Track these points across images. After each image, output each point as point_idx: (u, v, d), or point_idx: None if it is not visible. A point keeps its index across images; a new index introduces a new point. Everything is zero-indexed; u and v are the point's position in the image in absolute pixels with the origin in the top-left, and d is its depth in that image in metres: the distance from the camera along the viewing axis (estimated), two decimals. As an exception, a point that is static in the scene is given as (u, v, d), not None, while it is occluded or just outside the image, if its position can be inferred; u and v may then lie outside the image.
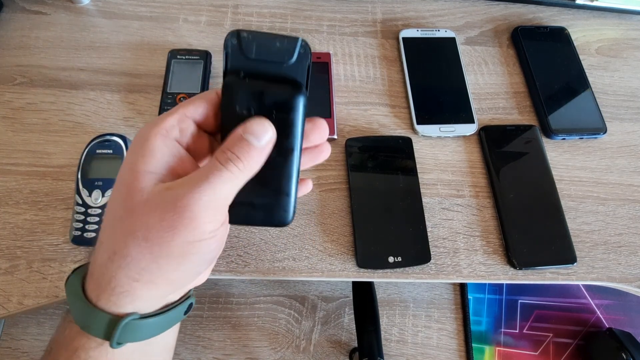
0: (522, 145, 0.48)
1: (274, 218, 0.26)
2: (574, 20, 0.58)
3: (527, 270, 0.42)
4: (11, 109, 0.46)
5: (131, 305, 0.24)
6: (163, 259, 0.23)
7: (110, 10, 0.53)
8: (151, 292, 0.24)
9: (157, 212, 0.22)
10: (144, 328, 0.24)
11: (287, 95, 0.24)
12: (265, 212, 0.26)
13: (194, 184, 0.22)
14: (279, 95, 0.24)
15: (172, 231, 0.22)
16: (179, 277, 0.25)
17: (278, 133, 0.25)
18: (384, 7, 0.57)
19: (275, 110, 0.24)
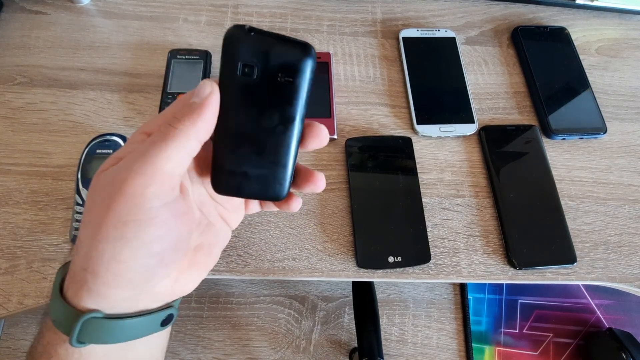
0: (522, 145, 0.48)
1: (267, 191, 0.25)
2: (574, 20, 0.58)
3: (527, 270, 0.42)
4: (11, 109, 0.46)
5: (90, 300, 0.22)
6: (101, 244, 0.21)
7: (110, 10, 0.53)
8: (100, 286, 0.22)
9: (102, 192, 0.21)
10: (110, 330, 0.23)
11: (294, 57, 0.22)
12: (259, 184, 0.25)
13: (132, 156, 0.21)
14: (285, 55, 0.22)
15: (108, 210, 0.20)
16: (121, 269, 0.21)
17: (281, 99, 0.23)
18: (384, 7, 0.57)
19: (279, 72, 0.22)
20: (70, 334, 0.22)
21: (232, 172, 0.24)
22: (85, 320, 0.22)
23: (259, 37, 0.22)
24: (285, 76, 0.22)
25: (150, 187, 0.20)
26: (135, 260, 0.21)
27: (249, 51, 0.22)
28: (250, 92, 0.23)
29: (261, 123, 0.23)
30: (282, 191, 0.25)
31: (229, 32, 0.22)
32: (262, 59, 0.22)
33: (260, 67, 0.22)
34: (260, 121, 0.23)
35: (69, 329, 0.22)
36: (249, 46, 0.22)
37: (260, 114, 0.23)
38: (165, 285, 0.25)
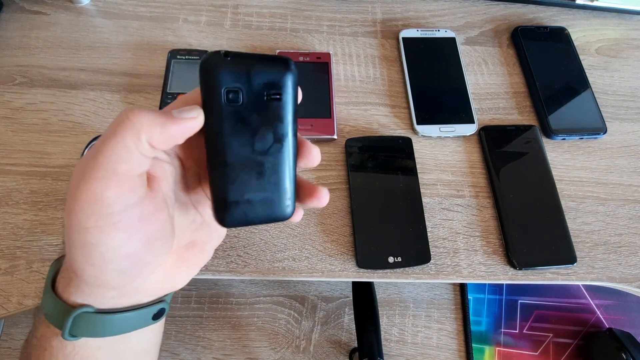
0: (522, 146, 0.48)
1: (274, 213, 0.24)
2: (574, 20, 0.58)
3: (527, 271, 0.42)
4: (11, 109, 0.46)
5: (78, 296, 0.22)
6: (72, 248, 0.21)
7: (110, 10, 0.53)
8: (86, 286, 0.22)
9: (68, 193, 0.20)
10: (102, 324, 0.23)
11: (277, 73, 0.22)
12: (264, 208, 0.24)
13: (87, 155, 0.20)
14: (268, 74, 0.22)
15: (69, 215, 0.20)
16: (97, 272, 0.21)
17: (271, 117, 0.23)
18: (384, 7, 0.57)
19: (265, 91, 0.22)
20: (63, 328, 0.22)
21: (235, 203, 0.23)
22: (77, 315, 0.22)
23: (237, 60, 0.21)
24: (272, 94, 0.22)
25: (107, 192, 0.19)
26: (106, 264, 0.21)
27: (231, 76, 0.21)
28: (239, 117, 0.22)
29: (256, 146, 0.23)
30: (289, 210, 0.25)
31: (205, 60, 0.22)
32: (245, 81, 0.22)
33: (245, 90, 0.22)
34: (254, 144, 0.23)
35: (61, 323, 0.22)
36: (229, 71, 0.21)
37: (253, 137, 0.23)
38: (154, 281, 0.24)
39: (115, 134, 0.19)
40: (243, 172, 0.23)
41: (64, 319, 0.22)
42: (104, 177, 0.19)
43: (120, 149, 0.19)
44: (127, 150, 0.19)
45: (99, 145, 0.19)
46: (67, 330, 0.22)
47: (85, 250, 0.20)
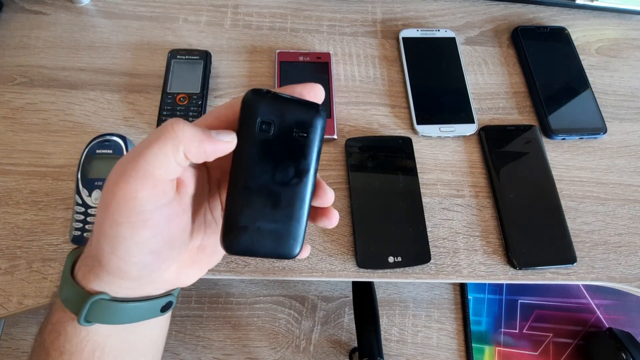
0: (522, 145, 0.48)
1: (279, 248, 0.25)
2: (574, 20, 0.58)
3: (527, 270, 0.42)
4: (11, 109, 0.46)
5: (97, 284, 0.24)
6: (102, 238, 0.22)
7: (110, 10, 0.53)
8: (104, 275, 0.24)
9: (104, 188, 0.22)
10: (114, 311, 0.24)
11: (308, 115, 0.24)
12: (271, 241, 0.25)
13: (128, 156, 0.21)
14: (300, 113, 0.24)
15: (105, 208, 0.21)
16: (121, 264, 0.23)
17: (296, 153, 0.24)
18: (384, 7, 0.57)
19: (295, 128, 0.24)
20: (79, 313, 0.23)
21: (244, 228, 0.24)
22: (94, 301, 0.23)
23: (276, 97, 0.24)
24: (300, 132, 0.24)
25: (142, 192, 0.21)
26: (131, 257, 0.23)
27: (267, 110, 0.23)
28: (267, 147, 0.24)
29: (277, 176, 0.24)
30: (296, 248, 0.25)
31: (249, 94, 0.24)
32: (279, 116, 0.24)
33: (277, 124, 0.24)
34: (275, 174, 0.24)
35: (78, 309, 0.24)
36: (267, 105, 0.23)
37: (276, 167, 0.24)
38: (167, 276, 0.26)
39: (158, 141, 0.21)
40: (259, 198, 0.24)
41: (81, 304, 0.23)
42: (142, 178, 0.21)
43: (159, 155, 0.21)
44: (166, 157, 0.21)
45: (141, 149, 0.21)
46: (83, 315, 0.23)
47: (114, 242, 0.22)
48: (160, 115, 0.45)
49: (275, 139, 0.24)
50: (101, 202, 0.22)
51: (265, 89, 0.24)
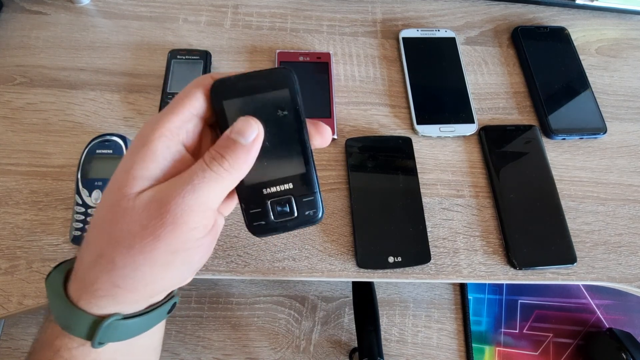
0: (522, 145, 0.48)
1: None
2: (574, 20, 0.58)
3: (527, 271, 0.42)
4: (11, 109, 0.46)
5: (113, 308, 0.23)
6: (146, 267, 0.22)
7: (110, 10, 0.53)
8: (134, 297, 0.23)
9: (141, 219, 0.21)
10: (126, 328, 0.24)
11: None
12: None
13: (177, 188, 0.21)
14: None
15: (155, 240, 0.21)
16: (162, 285, 0.24)
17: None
18: (384, 7, 0.57)
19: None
20: (93, 339, 0.23)
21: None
22: (107, 324, 0.23)
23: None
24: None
25: (201, 222, 0.22)
26: (175, 278, 0.24)
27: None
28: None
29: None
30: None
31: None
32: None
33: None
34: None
35: (88, 334, 0.23)
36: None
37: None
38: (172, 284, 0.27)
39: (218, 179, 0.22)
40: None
41: (93, 329, 0.23)
42: (204, 211, 0.22)
43: (219, 190, 0.22)
44: (226, 190, 0.23)
45: (199, 185, 0.22)
46: (96, 340, 0.23)
47: (166, 268, 0.22)
48: (160, 115, 0.45)
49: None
50: (139, 230, 0.21)
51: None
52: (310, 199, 0.25)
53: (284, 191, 0.25)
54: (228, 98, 0.24)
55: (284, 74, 0.24)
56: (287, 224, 0.25)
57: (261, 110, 0.24)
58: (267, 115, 0.24)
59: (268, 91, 0.24)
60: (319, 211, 0.25)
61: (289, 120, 0.24)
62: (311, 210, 0.25)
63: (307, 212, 0.25)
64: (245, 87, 0.24)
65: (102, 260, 0.22)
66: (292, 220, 0.25)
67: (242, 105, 0.24)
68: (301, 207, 0.25)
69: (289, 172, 0.25)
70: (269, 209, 0.25)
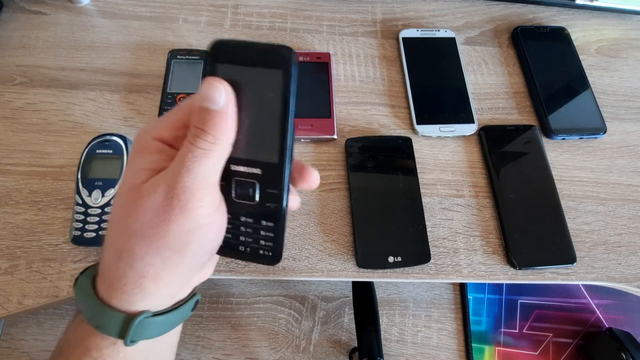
0: (522, 145, 0.48)
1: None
2: (574, 20, 0.58)
3: (527, 270, 0.42)
4: (11, 109, 0.46)
5: (142, 303, 0.24)
6: (165, 252, 0.23)
7: (110, 10, 0.53)
8: (160, 288, 0.24)
9: (150, 207, 0.22)
10: (155, 325, 0.25)
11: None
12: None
13: (174, 171, 0.22)
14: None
15: (167, 223, 0.22)
16: (184, 269, 0.25)
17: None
18: (384, 7, 0.57)
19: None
20: (125, 336, 0.24)
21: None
22: (138, 321, 0.24)
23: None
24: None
25: (206, 198, 0.23)
26: (196, 260, 0.25)
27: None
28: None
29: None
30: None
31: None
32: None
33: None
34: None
35: (121, 333, 0.24)
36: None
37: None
38: (196, 278, 0.28)
39: (209, 153, 0.22)
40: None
41: (125, 327, 0.23)
42: (205, 188, 0.23)
43: (214, 164, 0.23)
44: (219, 162, 0.23)
45: (193, 163, 0.22)
46: (129, 338, 0.23)
47: (183, 250, 0.23)
48: (160, 115, 0.45)
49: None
50: (152, 218, 0.22)
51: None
52: (275, 193, 0.24)
53: (251, 174, 0.24)
54: (222, 61, 0.23)
55: (282, 54, 0.23)
56: (246, 209, 0.25)
57: (250, 85, 0.23)
58: (255, 92, 0.23)
59: (261, 67, 0.23)
60: (280, 207, 0.24)
61: (275, 106, 0.23)
62: (272, 204, 0.24)
63: (268, 204, 0.24)
64: (241, 56, 0.23)
65: (124, 255, 0.23)
66: (251, 206, 0.25)
67: (233, 72, 0.23)
68: (264, 197, 0.24)
69: (262, 157, 0.24)
70: (231, 185, 0.25)
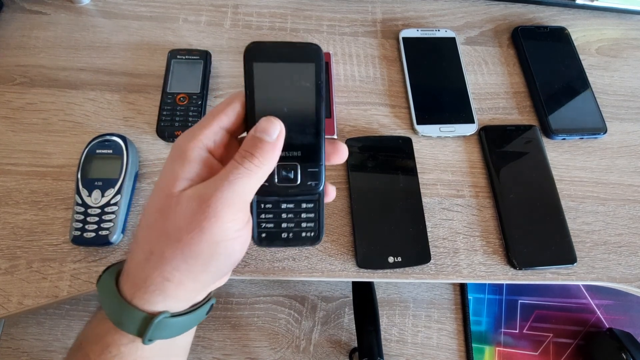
0: (522, 145, 0.48)
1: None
2: (574, 20, 0.58)
3: (527, 271, 0.42)
4: (11, 109, 0.46)
5: (162, 304, 0.25)
6: (193, 259, 0.24)
7: (110, 10, 0.53)
8: (180, 292, 0.25)
9: (186, 215, 0.24)
10: (172, 326, 0.26)
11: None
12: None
13: (216, 184, 0.24)
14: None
15: (200, 232, 0.23)
16: (207, 277, 0.26)
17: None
18: (384, 7, 0.57)
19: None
20: (144, 335, 0.24)
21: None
22: (157, 321, 0.25)
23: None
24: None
25: (239, 214, 0.25)
26: (220, 270, 0.26)
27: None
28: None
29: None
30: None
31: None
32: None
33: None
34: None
35: (139, 331, 0.25)
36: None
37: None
38: (216, 283, 0.29)
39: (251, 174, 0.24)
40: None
41: (144, 326, 0.24)
42: (239, 204, 0.24)
43: (253, 185, 0.25)
44: (257, 184, 0.25)
45: (234, 180, 0.24)
46: (147, 336, 0.24)
47: (210, 260, 0.25)
48: (160, 115, 0.45)
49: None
50: (183, 225, 0.24)
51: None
52: (315, 170, 0.27)
53: (292, 157, 0.26)
54: (259, 61, 0.26)
55: (314, 49, 0.27)
56: (289, 190, 0.27)
57: (286, 77, 0.26)
58: (290, 83, 0.26)
59: (296, 62, 0.26)
60: (320, 183, 0.27)
61: (310, 93, 0.26)
62: (313, 182, 0.27)
63: (309, 182, 0.27)
64: (276, 54, 0.26)
65: (153, 256, 0.24)
66: (293, 187, 0.27)
67: (269, 69, 0.26)
68: (304, 177, 0.27)
69: (300, 141, 0.26)
70: (274, 171, 0.26)
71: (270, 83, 0.26)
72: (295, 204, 0.27)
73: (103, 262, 0.39)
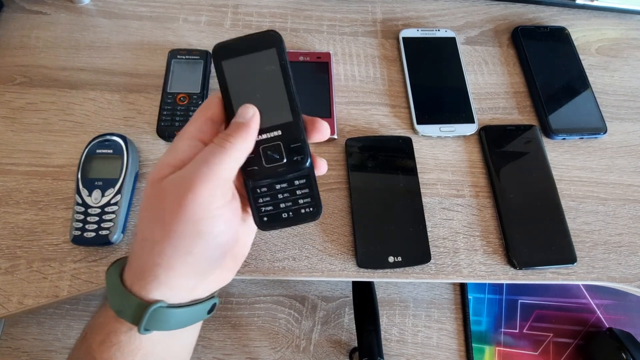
0: (522, 145, 0.48)
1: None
2: (574, 20, 0.58)
3: (527, 270, 0.42)
4: (11, 109, 0.46)
5: (158, 292, 0.25)
6: (177, 240, 0.24)
7: (110, 10, 0.53)
8: (172, 279, 0.26)
9: (170, 197, 0.24)
10: (169, 317, 0.26)
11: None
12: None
13: (194, 165, 0.25)
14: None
15: (179, 210, 0.24)
16: (193, 260, 0.26)
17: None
18: (384, 7, 0.57)
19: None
20: (139, 323, 0.25)
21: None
22: (153, 310, 0.25)
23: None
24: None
25: (216, 190, 0.25)
26: (206, 252, 0.26)
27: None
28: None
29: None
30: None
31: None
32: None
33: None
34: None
35: (136, 319, 0.25)
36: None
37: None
38: (213, 278, 0.29)
39: (225, 150, 0.25)
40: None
41: (140, 314, 0.25)
42: (216, 179, 0.25)
43: (228, 160, 0.25)
44: (234, 160, 0.25)
45: (208, 157, 0.25)
46: (143, 324, 0.25)
47: (193, 239, 0.25)
48: (161, 115, 0.45)
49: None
50: (167, 208, 0.24)
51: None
52: (298, 145, 0.27)
53: (274, 137, 0.27)
54: (226, 58, 0.27)
55: (272, 35, 0.27)
56: (278, 170, 0.28)
57: (252, 67, 0.27)
58: (258, 70, 0.27)
59: (258, 50, 0.27)
60: (306, 157, 0.28)
61: (277, 75, 0.27)
62: (299, 156, 0.28)
63: (295, 157, 0.28)
64: (239, 49, 0.27)
65: (146, 243, 0.25)
66: (281, 166, 0.28)
67: (236, 64, 0.27)
68: (289, 153, 0.27)
69: (278, 121, 0.27)
70: (261, 155, 0.27)
71: (240, 76, 0.27)
72: (289, 183, 0.28)
73: (103, 262, 0.39)
